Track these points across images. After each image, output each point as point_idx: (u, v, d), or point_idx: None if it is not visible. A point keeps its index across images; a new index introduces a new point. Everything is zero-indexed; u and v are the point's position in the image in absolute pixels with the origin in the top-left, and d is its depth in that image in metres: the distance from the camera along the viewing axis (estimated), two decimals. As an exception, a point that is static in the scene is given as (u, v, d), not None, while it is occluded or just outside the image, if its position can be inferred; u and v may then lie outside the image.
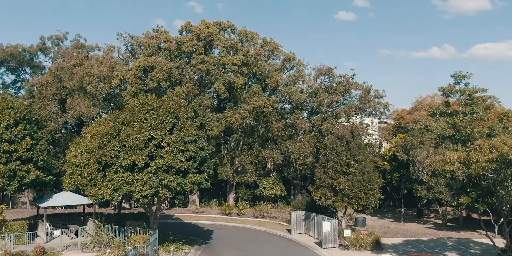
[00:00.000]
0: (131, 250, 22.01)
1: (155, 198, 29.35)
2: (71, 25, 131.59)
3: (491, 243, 26.72)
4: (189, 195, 49.82)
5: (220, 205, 47.93)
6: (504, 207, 21.40)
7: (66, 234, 30.72)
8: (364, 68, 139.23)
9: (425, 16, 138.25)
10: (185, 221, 42.34)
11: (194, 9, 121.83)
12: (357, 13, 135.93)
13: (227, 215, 44.31)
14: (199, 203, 49.76)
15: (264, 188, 46.67)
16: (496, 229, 33.46)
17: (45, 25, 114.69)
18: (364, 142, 45.17)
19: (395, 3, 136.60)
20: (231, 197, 50.18)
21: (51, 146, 43.59)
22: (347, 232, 29.74)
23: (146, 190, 24.14)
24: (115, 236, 27.70)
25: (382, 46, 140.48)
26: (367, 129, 47.22)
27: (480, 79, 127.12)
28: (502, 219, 25.87)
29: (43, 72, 61.94)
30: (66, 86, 46.79)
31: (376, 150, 49.93)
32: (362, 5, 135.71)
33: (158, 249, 26.44)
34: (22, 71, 63.78)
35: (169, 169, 24.63)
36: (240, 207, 44.76)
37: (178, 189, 25.03)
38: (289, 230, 36.66)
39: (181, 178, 24.99)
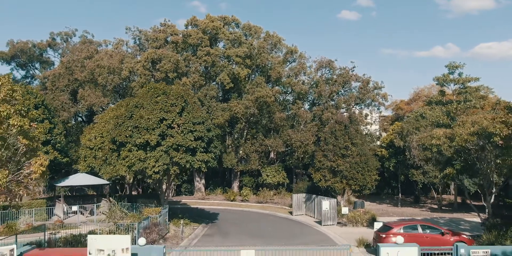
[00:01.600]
0: (145, 220, 24.02)
1: (165, 183, 31.49)
2: (74, 24, 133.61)
3: (480, 221, 28.57)
4: (195, 183, 51.87)
5: (225, 192, 49.96)
6: (487, 181, 23.28)
7: (82, 213, 32.82)
8: (366, 67, 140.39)
9: (429, 15, 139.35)
10: (192, 206, 44.36)
11: (198, 8, 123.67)
12: (360, 12, 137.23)
13: (231, 201, 46.33)
14: (205, 191, 51.74)
15: (267, 175, 48.57)
16: (487, 210, 35.30)
17: (47, 22, 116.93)
18: (364, 133, 47.10)
19: (398, 2, 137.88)
20: (235, 185, 52.15)
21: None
22: (345, 210, 31.70)
23: (158, 166, 26.13)
24: (129, 212, 29.73)
25: (384, 46, 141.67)
26: (365, 119, 49.12)
27: (484, 78, 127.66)
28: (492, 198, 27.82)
29: (51, 67, 64.12)
30: (77, 77, 48.94)
31: (375, 140, 51.88)
32: (366, 5, 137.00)
33: (168, 224, 28.45)
34: (31, 67, 65.96)
35: (179, 147, 26.61)
36: (244, 193, 46.78)
37: (187, 166, 26.99)
38: (291, 213, 38.63)
39: (190, 156, 26.99)
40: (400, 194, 45.99)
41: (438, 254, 18.40)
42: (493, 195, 28.25)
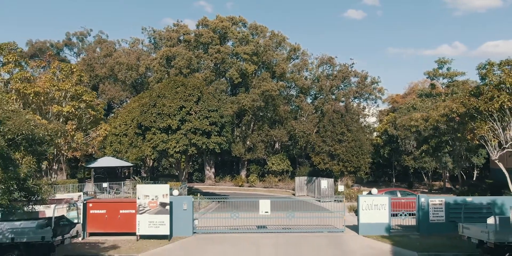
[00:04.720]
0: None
1: (183, 162, 35.77)
2: (82, 24, 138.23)
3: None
4: (206, 172, 56.18)
5: (233, 179, 54.24)
6: (458, 156, 27.39)
7: (108, 192, 37.16)
8: (371, 67, 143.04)
9: (435, 13, 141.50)
10: (204, 190, 48.49)
11: (204, 8, 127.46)
12: (366, 11, 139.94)
13: (239, 186, 50.63)
14: (214, 178, 56.06)
15: (273, 163, 52.74)
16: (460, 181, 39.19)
17: (60, 22, 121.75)
18: (362, 124, 51.28)
19: (404, 0, 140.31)
20: (243, 173, 56.37)
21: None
22: (341, 188, 35.78)
23: (178, 147, 30.49)
24: (151, 188, 34.04)
25: (390, 44, 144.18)
26: (363, 111, 53.28)
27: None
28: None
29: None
30: (98, 73, 53.43)
31: (373, 131, 56.03)
32: (371, 4, 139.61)
33: (186, 198, 32.73)
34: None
35: (196, 131, 30.96)
36: (251, 179, 51.09)
37: (203, 147, 31.32)
38: (293, 194, 42.81)
39: (206, 139, 31.32)
40: (394, 180, 50.07)
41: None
42: (475, 176, 32.25)
